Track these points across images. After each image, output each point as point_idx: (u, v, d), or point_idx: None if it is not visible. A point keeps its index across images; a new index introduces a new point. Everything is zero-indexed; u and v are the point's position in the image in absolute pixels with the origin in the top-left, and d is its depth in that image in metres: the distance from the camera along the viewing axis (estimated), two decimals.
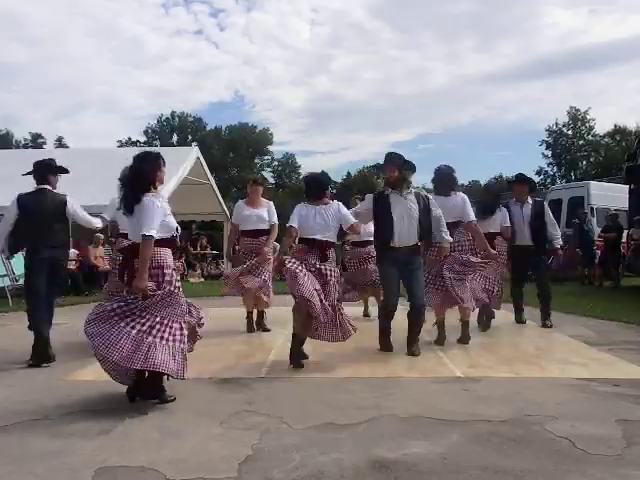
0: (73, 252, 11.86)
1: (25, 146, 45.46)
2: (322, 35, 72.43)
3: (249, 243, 6.08)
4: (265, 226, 6.07)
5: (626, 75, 59.33)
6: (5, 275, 9.38)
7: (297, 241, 4.81)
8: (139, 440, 2.89)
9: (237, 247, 6.50)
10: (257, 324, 6.33)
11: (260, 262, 5.97)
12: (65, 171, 5.11)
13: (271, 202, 6.30)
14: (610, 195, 13.61)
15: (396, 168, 4.88)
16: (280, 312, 7.02)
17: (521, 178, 6.63)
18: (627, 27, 59.78)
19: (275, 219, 6.13)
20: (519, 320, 6.65)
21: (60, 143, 46.15)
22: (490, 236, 5.82)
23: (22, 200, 4.80)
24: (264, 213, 6.08)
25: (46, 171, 4.96)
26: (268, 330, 6.29)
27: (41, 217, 4.73)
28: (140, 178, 3.55)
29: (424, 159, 67.38)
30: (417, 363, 4.58)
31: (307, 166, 53.10)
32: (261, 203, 6.16)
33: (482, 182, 46.09)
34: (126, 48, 68.35)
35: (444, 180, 5.55)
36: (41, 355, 4.65)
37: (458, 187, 5.72)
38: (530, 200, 6.53)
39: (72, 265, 11.34)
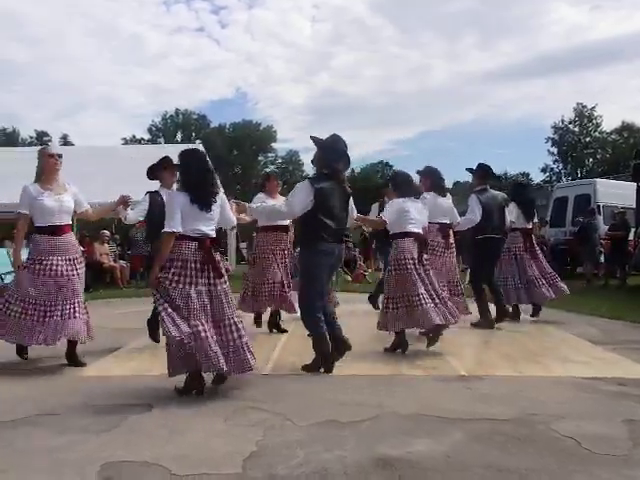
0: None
1: (30, 144, 45.67)
2: (323, 32, 72.53)
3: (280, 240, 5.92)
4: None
5: (630, 73, 59.14)
6: (11, 272, 9.38)
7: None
8: (144, 436, 2.91)
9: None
10: (272, 324, 6.09)
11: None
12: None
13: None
14: (617, 193, 13.52)
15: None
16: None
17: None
18: (632, 24, 59.56)
19: None
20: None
21: (65, 141, 46.36)
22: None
23: None
24: None
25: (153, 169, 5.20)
26: (285, 331, 6.03)
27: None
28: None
29: (426, 157, 67.40)
30: (420, 361, 4.58)
31: (310, 163, 52.96)
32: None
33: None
34: (127, 47, 68.74)
35: (441, 180, 5.63)
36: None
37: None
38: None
39: None
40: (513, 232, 6.71)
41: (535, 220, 7.06)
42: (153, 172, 5.23)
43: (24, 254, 4.52)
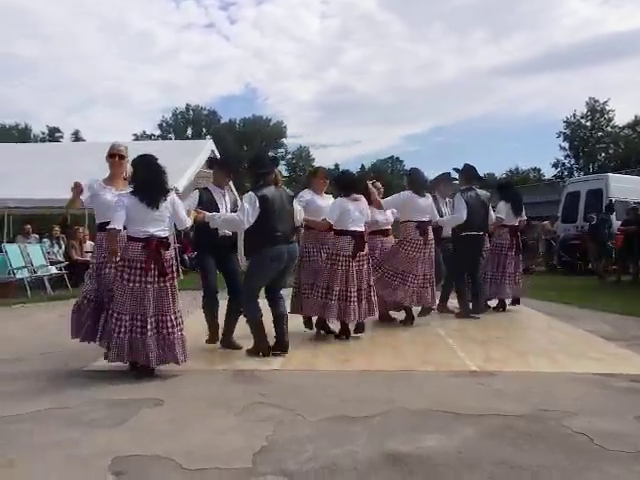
0: (90, 244, 12.01)
1: (43, 140, 46.00)
2: (332, 28, 72.35)
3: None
4: None
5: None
6: (24, 267, 9.50)
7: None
8: (154, 430, 2.92)
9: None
10: (320, 324, 5.49)
11: None
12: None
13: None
14: (630, 188, 13.37)
15: None
16: None
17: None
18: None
19: None
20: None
21: (76, 137, 46.64)
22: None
23: None
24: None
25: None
26: (333, 332, 5.43)
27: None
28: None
29: (436, 152, 67.17)
30: (431, 357, 4.56)
31: (321, 159, 53.17)
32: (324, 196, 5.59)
33: (497, 175, 45.81)
34: (136, 43, 69.07)
35: (423, 181, 5.98)
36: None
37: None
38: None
39: (89, 257, 11.49)
40: (501, 229, 6.94)
41: (523, 217, 7.21)
42: (212, 164, 5.46)
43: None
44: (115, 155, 4.48)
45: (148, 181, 3.93)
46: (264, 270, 4.54)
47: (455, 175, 6.88)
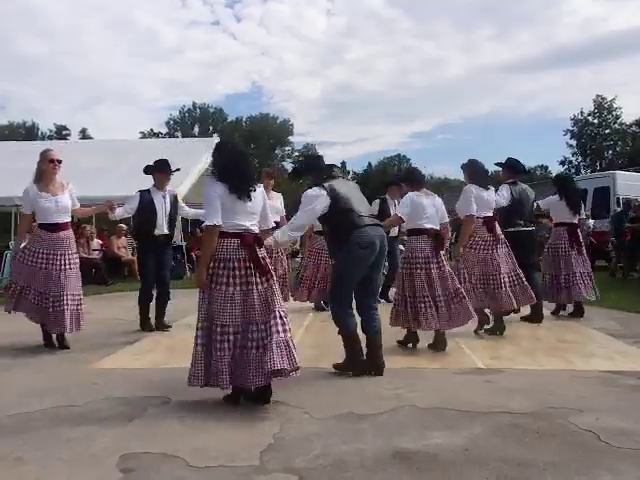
0: (97, 242, 12.07)
1: (50, 138, 46.19)
2: (338, 25, 72.28)
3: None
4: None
5: None
6: None
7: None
8: (162, 428, 2.93)
9: None
10: None
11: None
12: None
13: (280, 194, 6.92)
14: (637, 185, 13.33)
15: None
16: (297, 304, 7.04)
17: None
18: None
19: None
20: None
21: (84, 135, 46.81)
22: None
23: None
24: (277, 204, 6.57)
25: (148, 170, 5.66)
26: None
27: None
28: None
29: (443, 150, 66.98)
30: (439, 354, 4.55)
31: (327, 157, 53.04)
32: (272, 194, 6.52)
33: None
34: (143, 40, 69.27)
35: (484, 171, 5.50)
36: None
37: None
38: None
39: (96, 255, 11.54)
40: (558, 227, 6.47)
41: (582, 215, 6.76)
42: (149, 170, 5.63)
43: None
44: (54, 160, 4.79)
45: (237, 169, 3.32)
46: (354, 262, 3.85)
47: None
